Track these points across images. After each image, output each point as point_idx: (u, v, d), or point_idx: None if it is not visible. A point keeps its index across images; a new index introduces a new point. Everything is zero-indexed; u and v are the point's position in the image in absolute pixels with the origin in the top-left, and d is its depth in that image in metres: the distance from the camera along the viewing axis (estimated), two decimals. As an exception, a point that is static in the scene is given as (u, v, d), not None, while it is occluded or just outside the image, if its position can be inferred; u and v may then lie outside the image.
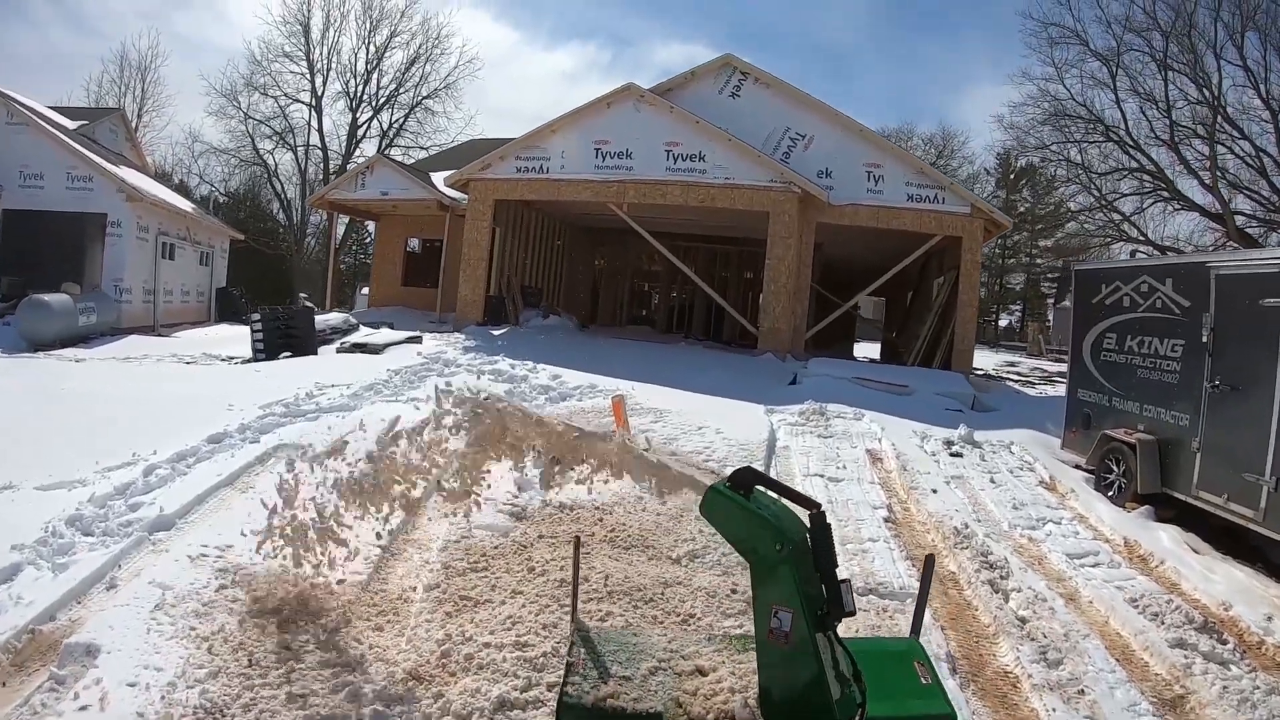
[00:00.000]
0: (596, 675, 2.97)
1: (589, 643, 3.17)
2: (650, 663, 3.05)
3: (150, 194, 19.23)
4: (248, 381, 10.80)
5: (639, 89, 15.94)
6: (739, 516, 2.75)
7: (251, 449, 6.93)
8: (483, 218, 16.81)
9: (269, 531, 4.39)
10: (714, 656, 3.11)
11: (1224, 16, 21.84)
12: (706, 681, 2.95)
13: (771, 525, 2.67)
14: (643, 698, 2.87)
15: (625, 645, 3.18)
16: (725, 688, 2.90)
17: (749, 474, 2.80)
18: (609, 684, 2.91)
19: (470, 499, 4.77)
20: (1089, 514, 7.39)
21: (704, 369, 12.39)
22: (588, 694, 2.86)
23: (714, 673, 3.00)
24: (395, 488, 4.62)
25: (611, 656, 3.08)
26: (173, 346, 15.30)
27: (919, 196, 15.22)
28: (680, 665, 3.07)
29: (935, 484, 7.62)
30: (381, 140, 39.62)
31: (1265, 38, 21.56)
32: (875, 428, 9.52)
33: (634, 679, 2.96)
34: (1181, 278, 7.53)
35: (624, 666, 3.02)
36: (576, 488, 6.80)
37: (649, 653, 3.12)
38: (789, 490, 2.83)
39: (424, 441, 4.66)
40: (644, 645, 3.19)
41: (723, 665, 3.05)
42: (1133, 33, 23.42)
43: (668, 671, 3.03)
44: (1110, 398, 8.52)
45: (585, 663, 3.04)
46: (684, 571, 5.27)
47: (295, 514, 4.44)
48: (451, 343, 14.55)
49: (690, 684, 2.96)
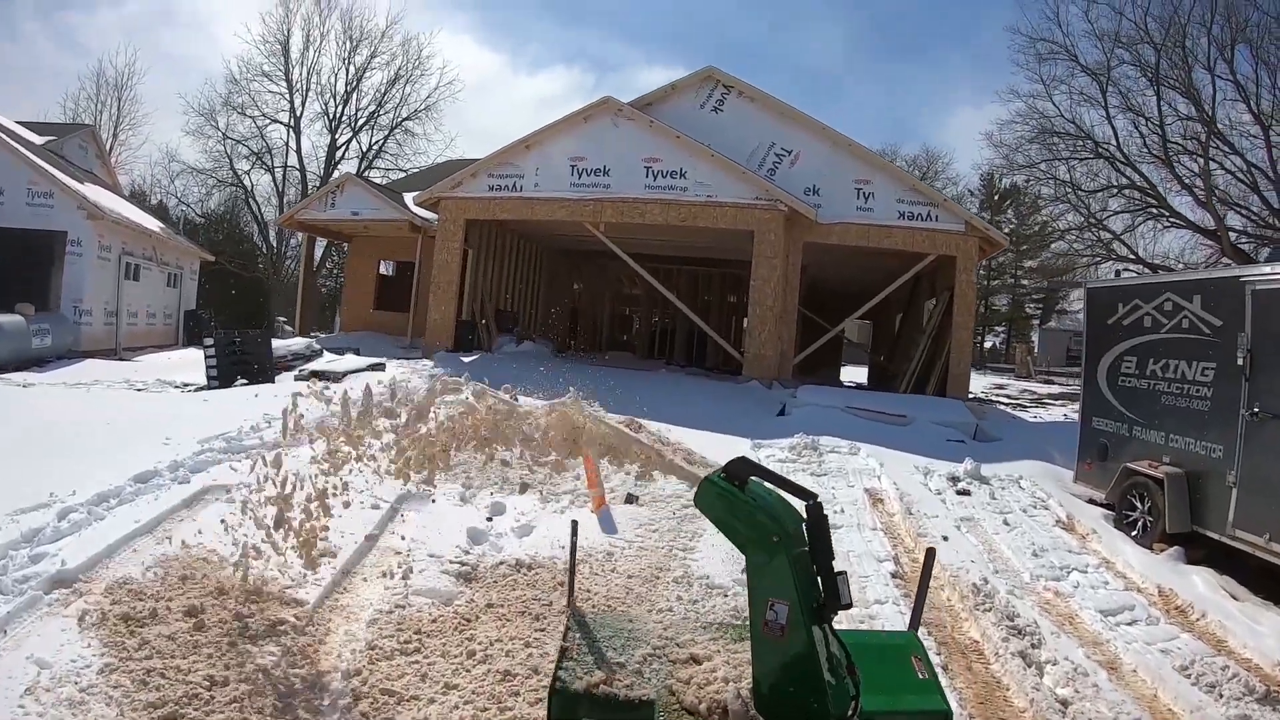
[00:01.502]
0: (591, 661, 2.96)
1: (585, 628, 3.16)
2: (645, 649, 3.05)
3: (113, 212, 18.40)
4: (193, 411, 9.98)
5: (617, 103, 15.23)
6: (733, 508, 2.74)
7: (179, 491, 6.23)
8: (454, 238, 15.98)
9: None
10: (709, 645, 3.11)
11: (1214, 30, 21.58)
12: (700, 670, 2.95)
13: (766, 516, 2.66)
14: (636, 685, 2.86)
15: (621, 631, 3.18)
16: (719, 677, 2.89)
17: (743, 465, 2.77)
18: (602, 670, 2.90)
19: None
20: (1115, 558, 6.69)
21: (686, 398, 11.56)
22: (580, 679, 2.85)
23: (708, 661, 3.00)
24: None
25: (606, 642, 3.08)
26: (129, 371, 14.57)
27: (911, 214, 14.54)
28: (675, 653, 3.06)
29: (945, 528, 6.80)
30: (361, 162, 38.81)
31: (1256, 51, 21.28)
32: (873, 463, 8.70)
33: (628, 665, 2.95)
34: (1212, 294, 6.84)
35: (618, 653, 3.02)
36: (538, 538, 6.01)
37: (644, 639, 3.12)
38: (785, 480, 2.79)
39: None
40: (639, 632, 3.19)
41: (717, 654, 3.04)
42: (1123, 47, 23.12)
43: (662, 659, 3.02)
44: (1130, 427, 7.80)
45: (580, 648, 3.03)
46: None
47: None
48: (418, 370, 13.64)
49: (684, 672, 2.95)
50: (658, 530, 6.12)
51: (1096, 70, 23.99)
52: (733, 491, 2.75)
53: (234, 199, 38.93)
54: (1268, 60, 21.17)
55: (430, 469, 7.35)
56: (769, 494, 2.80)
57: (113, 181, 24.54)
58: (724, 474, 2.80)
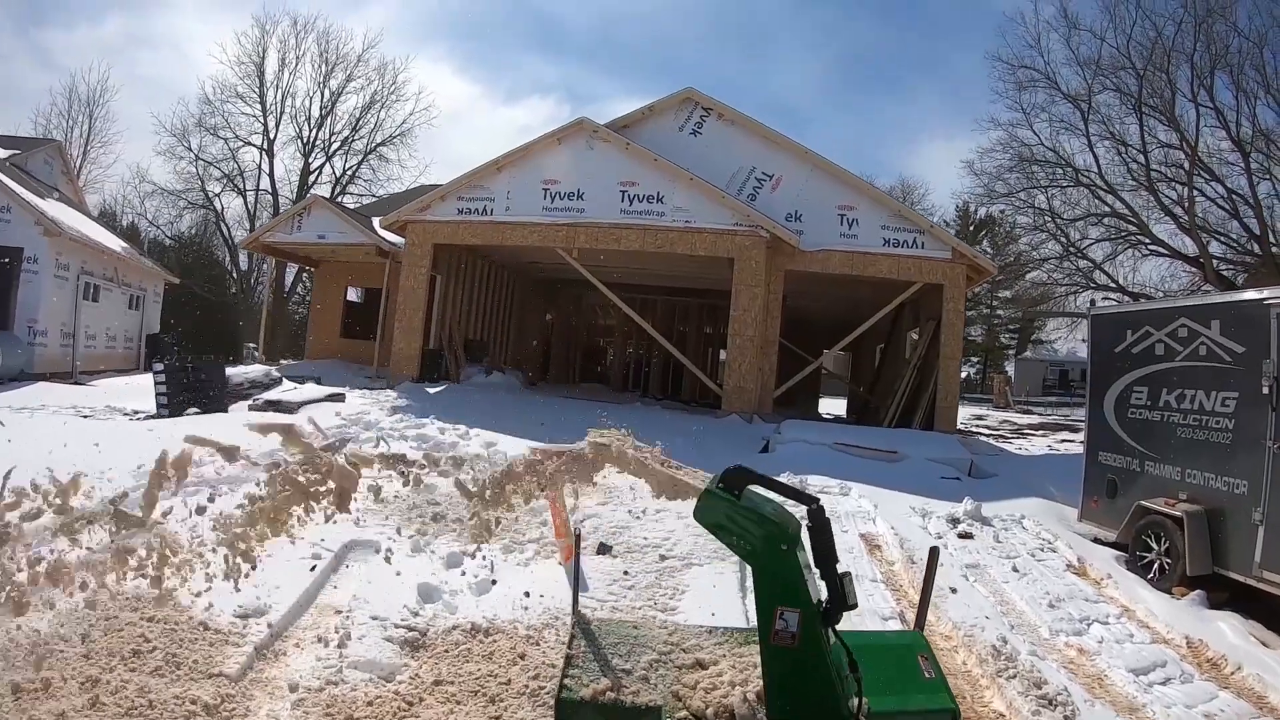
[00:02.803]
0: (596, 668, 2.94)
1: (589, 635, 3.14)
2: (650, 655, 3.03)
3: (72, 229, 17.53)
4: (133, 443, 9.12)
5: (593, 124, 14.72)
6: (735, 518, 2.71)
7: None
8: (421, 263, 15.28)
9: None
10: (715, 650, 3.09)
11: (1196, 58, 21.66)
12: (706, 675, 2.93)
13: (770, 524, 2.66)
14: (642, 691, 2.85)
15: (625, 638, 3.15)
16: (725, 681, 2.88)
17: (740, 474, 2.76)
18: (608, 677, 2.88)
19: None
20: (1135, 606, 6.14)
21: (661, 435, 10.81)
22: (586, 687, 2.84)
23: (714, 666, 2.99)
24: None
25: (611, 649, 3.06)
26: (81, 396, 13.68)
27: (896, 240, 14.11)
28: (680, 658, 3.04)
29: (951, 578, 6.16)
30: (334, 187, 38.07)
31: (1236, 78, 21.36)
32: (866, 505, 8.05)
33: (633, 672, 2.94)
34: (1232, 319, 6.40)
35: (624, 659, 3.00)
36: (497, 597, 5.30)
37: (649, 645, 3.10)
38: (783, 486, 2.78)
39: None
40: (644, 637, 3.17)
41: (723, 659, 3.02)
42: (1103, 74, 23.16)
43: (668, 664, 3.00)
44: (1142, 461, 7.31)
45: (585, 655, 3.01)
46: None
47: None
48: (380, 401, 12.89)
49: (690, 677, 2.93)
50: (634, 587, 5.42)
51: (1078, 97, 24.05)
52: (733, 501, 2.72)
53: (205, 222, 38.16)
54: (1247, 87, 21.29)
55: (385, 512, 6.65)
56: (768, 501, 2.79)
57: (79, 199, 23.73)
58: (722, 484, 2.76)
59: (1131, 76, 22.81)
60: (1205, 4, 21.44)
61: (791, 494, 2.76)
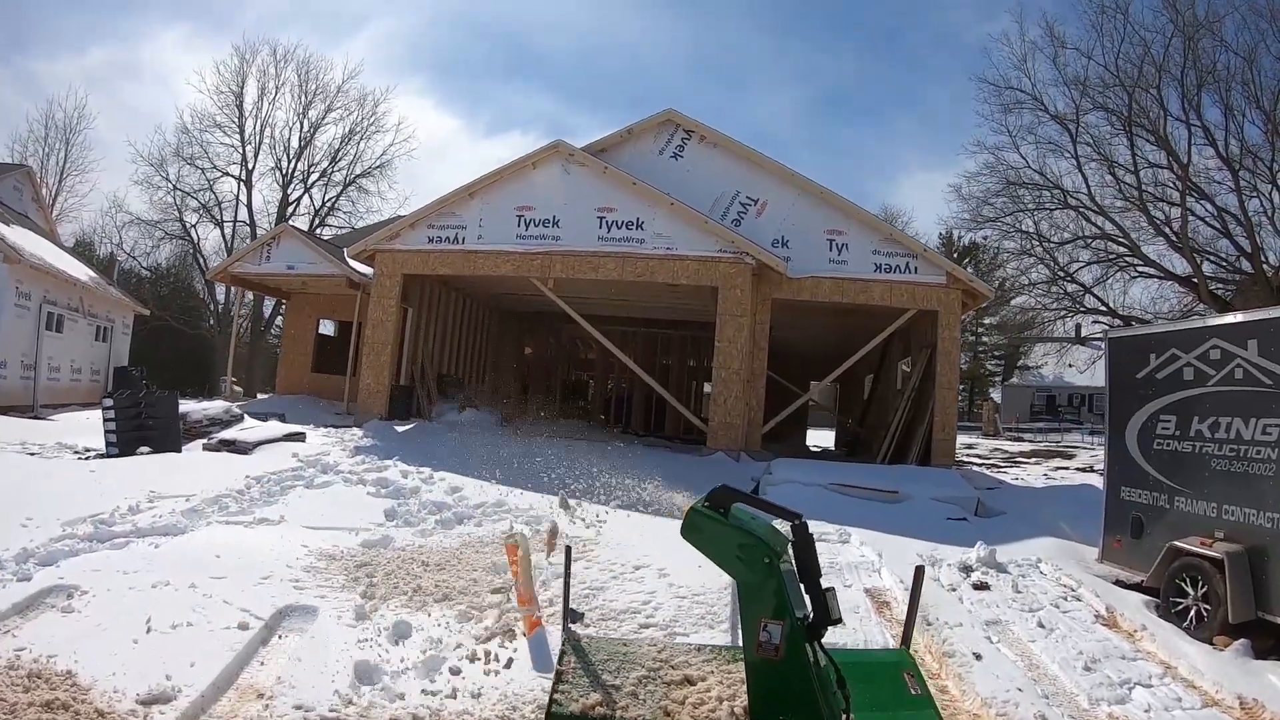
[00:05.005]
0: (586, 684, 2.97)
1: (579, 651, 3.16)
2: (640, 671, 3.06)
3: (34, 257, 16.71)
4: (72, 485, 8.54)
5: (569, 147, 14.11)
6: (721, 535, 2.80)
7: (16, 590, 5.09)
8: (390, 295, 14.53)
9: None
10: (703, 666, 3.13)
11: (1184, 76, 21.49)
12: (695, 690, 2.97)
13: (754, 540, 2.75)
14: (631, 707, 2.87)
15: (615, 654, 3.18)
16: (713, 696, 2.92)
17: (726, 492, 2.86)
18: (598, 692, 2.91)
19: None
20: (1176, 662, 5.46)
21: (644, 476, 10.09)
22: (575, 702, 2.87)
23: (702, 682, 3.02)
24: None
25: (601, 665, 3.08)
26: (34, 431, 12.83)
27: (888, 266, 13.54)
28: (669, 675, 3.06)
29: (973, 641, 5.39)
30: (313, 219, 37.50)
31: (1225, 95, 21.19)
32: (869, 553, 7.28)
33: (623, 688, 2.96)
34: (1274, 337, 5.74)
35: (613, 675, 3.03)
36: (450, 678, 4.51)
37: (639, 662, 3.13)
38: (767, 504, 2.90)
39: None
40: (634, 654, 3.20)
41: (711, 675, 3.06)
42: (1091, 94, 22.98)
43: (657, 681, 3.03)
44: (1171, 497, 6.68)
45: (575, 671, 3.04)
46: None
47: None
48: (343, 441, 12.07)
49: (679, 693, 2.96)
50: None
51: (1065, 117, 23.82)
52: (718, 519, 2.80)
53: (183, 253, 37.56)
54: (1235, 104, 21.15)
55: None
56: (753, 518, 2.86)
57: (50, 227, 22.98)
58: (708, 502, 2.85)
59: (1120, 95, 22.64)
60: (1193, 20, 21.36)
61: (775, 511, 2.83)
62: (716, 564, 2.84)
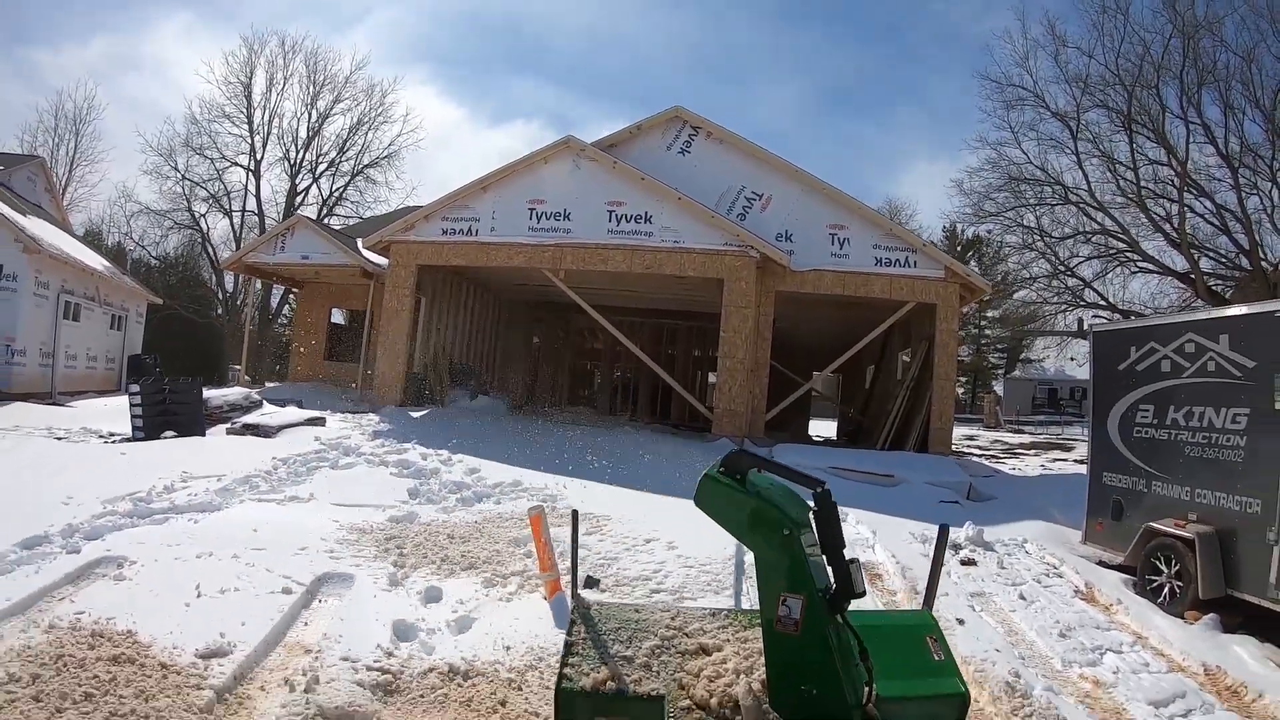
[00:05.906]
0: (597, 655, 2.86)
1: (589, 620, 3.04)
2: (653, 641, 2.94)
3: (53, 247, 17.14)
4: (106, 466, 8.99)
5: (579, 143, 14.50)
6: (737, 503, 2.66)
7: (67, 562, 5.37)
8: (404, 285, 14.96)
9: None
10: (719, 634, 3.01)
11: (1184, 74, 21.73)
12: (710, 661, 2.86)
13: (773, 509, 2.60)
14: (644, 680, 2.77)
15: (627, 623, 3.06)
16: (730, 669, 2.80)
17: (743, 457, 2.73)
18: (609, 665, 2.81)
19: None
20: (1148, 633, 5.94)
21: (652, 459, 10.54)
22: (587, 675, 2.77)
23: (718, 652, 2.90)
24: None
25: (612, 635, 2.97)
26: (57, 417, 13.27)
27: (889, 260, 13.90)
28: (684, 643, 2.95)
29: (958, 609, 5.86)
30: (321, 208, 37.76)
31: (1224, 93, 21.44)
32: (865, 531, 7.75)
33: (635, 659, 2.86)
34: (1242, 333, 6.20)
35: (625, 645, 2.92)
36: (480, 635, 4.96)
37: (651, 630, 3.01)
38: (788, 470, 2.74)
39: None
40: (646, 622, 3.07)
41: (727, 644, 2.95)
42: (1092, 92, 23.22)
43: (670, 650, 2.91)
44: (1148, 482, 7.11)
45: (585, 642, 2.92)
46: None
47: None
48: (362, 425, 12.52)
49: (693, 664, 2.86)
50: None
51: (1066, 114, 24.07)
52: (735, 486, 2.66)
53: (191, 242, 37.74)
54: (1234, 103, 21.37)
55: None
56: (773, 485, 2.72)
57: (62, 217, 23.30)
58: (723, 468, 2.71)
59: (1120, 93, 22.89)
60: (1193, 20, 21.59)
61: (796, 478, 2.70)
62: (732, 534, 2.70)
